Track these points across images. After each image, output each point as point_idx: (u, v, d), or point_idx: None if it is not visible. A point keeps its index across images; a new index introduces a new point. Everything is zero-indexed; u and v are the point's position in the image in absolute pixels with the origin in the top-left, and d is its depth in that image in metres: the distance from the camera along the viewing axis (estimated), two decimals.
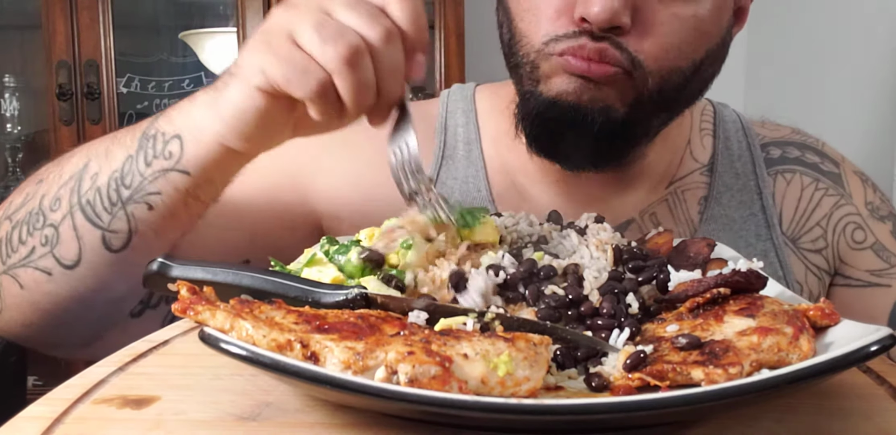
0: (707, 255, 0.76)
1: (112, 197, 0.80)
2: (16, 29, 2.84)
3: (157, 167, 0.79)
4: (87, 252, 0.81)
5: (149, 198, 0.79)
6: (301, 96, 0.69)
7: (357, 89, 0.68)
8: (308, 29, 0.67)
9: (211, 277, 0.62)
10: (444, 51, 2.63)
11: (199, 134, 0.77)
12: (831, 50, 2.31)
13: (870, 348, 0.48)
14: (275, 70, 0.69)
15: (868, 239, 1.04)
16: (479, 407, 0.44)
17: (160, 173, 0.79)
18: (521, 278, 0.64)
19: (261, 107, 0.72)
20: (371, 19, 0.68)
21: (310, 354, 0.50)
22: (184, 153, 0.78)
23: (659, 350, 0.56)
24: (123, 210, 0.80)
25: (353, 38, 0.67)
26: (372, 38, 0.68)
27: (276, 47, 0.69)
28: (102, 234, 0.80)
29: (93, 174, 0.81)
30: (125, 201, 0.79)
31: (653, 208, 1.04)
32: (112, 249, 0.81)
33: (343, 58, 0.67)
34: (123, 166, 0.80)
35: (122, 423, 0.52)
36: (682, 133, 1.07)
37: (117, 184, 0.80)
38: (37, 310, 0.84)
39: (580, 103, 0.87)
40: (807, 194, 1.06)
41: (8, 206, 0.86)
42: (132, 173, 0.79)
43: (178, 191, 0.79)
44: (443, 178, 1.04)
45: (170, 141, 0.78)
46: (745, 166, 1.07)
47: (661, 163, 1.04)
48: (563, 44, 0.86)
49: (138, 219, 0.80)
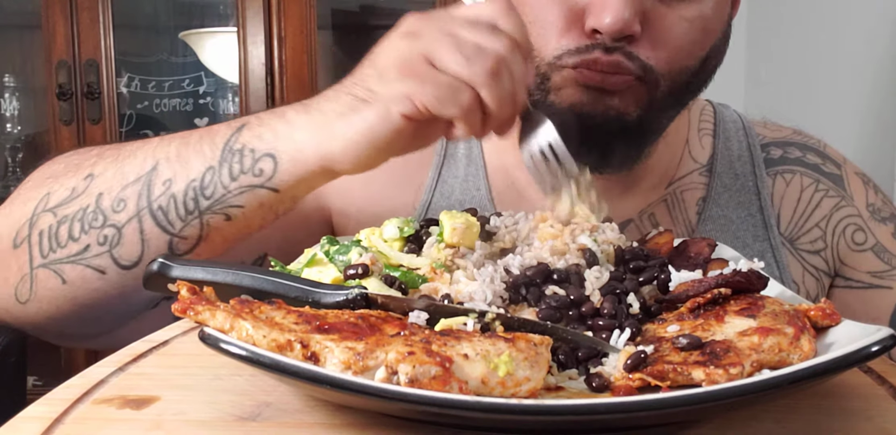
0: (708, 255, 0.76)
1: (189, 206, 0.80)
2: (16, 29, 2.84)
3: (245, 183, 0.79)
4: (149, 255, 0.81)
5: (229, 210, 0.80)
6: (453, 114, 0.71)
7: (502, 99, 0.71)
8: (448, 51, 0.70)
9: (211, 278, 0.62)
10: None
11: (299, 155, 0.77)
12: (831, 50, 2.31)
13: (871, 349, 0.48)
14: (425, 95, 0.70)
15: (869, 240, 1.04)
16: (479, 407, 0.44)
17: (247, 189, 0.79)
18: (524, 282, 0.64)
19: (400, 129, 0.73)
20: (493, 34, 0.71)
21: (310, 355, 0.50)
22: (277, 172, 0.78)
23: (660, 350, 0.56)
24: (199, 219, 0.80)
25: (493, 51, 0.70)
26: (501, 50, 0.70)
27: (419, 73, 0.70)
28: (171, 239, 0.81)
29: (165, 180, 0.81)
30: (203, 211, 0.80)
31: (651, 209, 1.04)
32: (177, 252, 0.82)
33: (489, 71, 0.69)
34: (204, 177, 0.80)
35: (122, 423, 0.52)
36: (680, 133, 1.07)
37: (196, 193, 0.80)
38: (75, 305, 0.84)
39: (594, 112, 0.87)
40: (806, 195, 1.06)
41: (46, 198, 0.85)
42: (214, 185, 0.80)
43: (262, 206, 0.80)
44: (444, 176, 1.05)
45: (261, 159, 0.78)
46: (744, 167, 1.07)
47: (660, 163, 1.04)
48: (575, 58, 0.86)
49: (213, 227, 0.81)
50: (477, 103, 0.71)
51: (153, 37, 2.75)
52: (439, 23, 0.72)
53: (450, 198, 1.03)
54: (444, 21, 0.72)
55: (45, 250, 0.83)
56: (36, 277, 0.84)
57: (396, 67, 0.72)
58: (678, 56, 0.87)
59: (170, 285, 0.57)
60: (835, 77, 2.30)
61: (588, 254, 0.68)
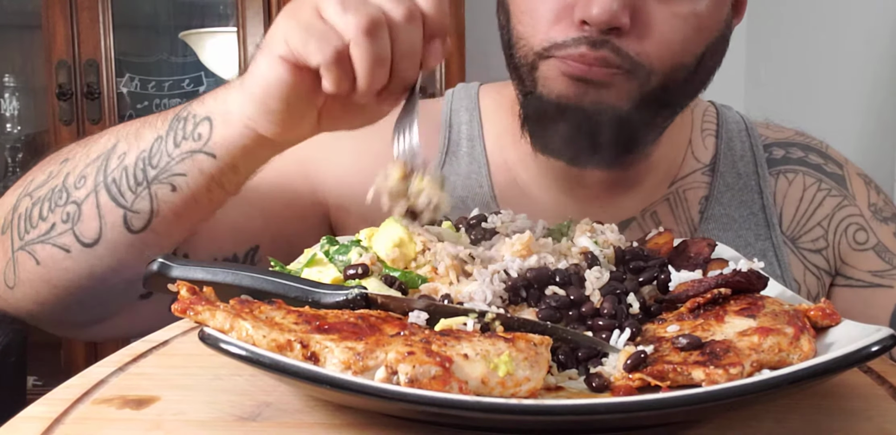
0: (708, 255, 0.76)
1: (138, 176, 0.81)
2: (16, 29, 2.84)
3: (186, 148, 0.80)
4: (107, 231, 0.82)
5: (173, 179, 0.80)
6: (316, 62, 0.69)
7: (372, 61, 0.69)
8: (333, 2, 0.69)
9: (211, 278, 0.62)
10: None
11: (228, 116, 0.78)
12: (831, 50, 2.31)
13: (871, 349, 0.48)
14: (295, 36, 0.69)
15: (870, 240, 1.05)
16: (479, 407, 0.44)
17: (188, 154, 0.80)
18: (523, 285, 0.64)
19: (284, 78, 0.72)
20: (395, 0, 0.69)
21: (310, 355, 0.50)
22: (212, 135, 0.79)
23: (659, 350, 0.56)
24: (148, 190, 0.81)
25: (375, 11, 0.68)
26: (394, 15, 0.69)
27: (299, 17, 0.70)
28: (124, 213, 0.82)
29: (120, 154, 0.83)
30: (150, 181, 0.81)
31: (654, 207, 1.04)
32: (132, 229, 0.82)
33: (361, 26, 0.68)
34: (152, 147, 0.81)
35: (122, 423, 0.52)
36: (683, 133, 1.08)
37: (144, 163, 0.81)
38: (51, 287, 0.85)
39: (582, 105, 0.87)
40: (809, 195, 1.06)
41: (28, 184, 0.87)
42: (160, 153, 0.81)
43: (202, 174, 0.80)
44: (446, 174, 1.05)
45: (200, 123, 0.80)
46: (746, 166, 1.07)
47: (663, 162, 1.05)
48: (562, 51, 0.86)
49: (161, 199, 0.81)
50: (343, 57, 0.69)
51: (153, 37, 2.74)
52: None
53: (452, 194, 1.03)
54: None
55: (22, 232, 0.85)
56: (17, 261, 0.86)
57: (285, 12, 0.72)
58: (668, 52, 0.87)
59: (170, 285, 0.57)
60: (835, 77, 2.30)
61: (590, 256, 0.68)
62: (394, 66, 0.71)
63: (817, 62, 2.39)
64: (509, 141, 1.03)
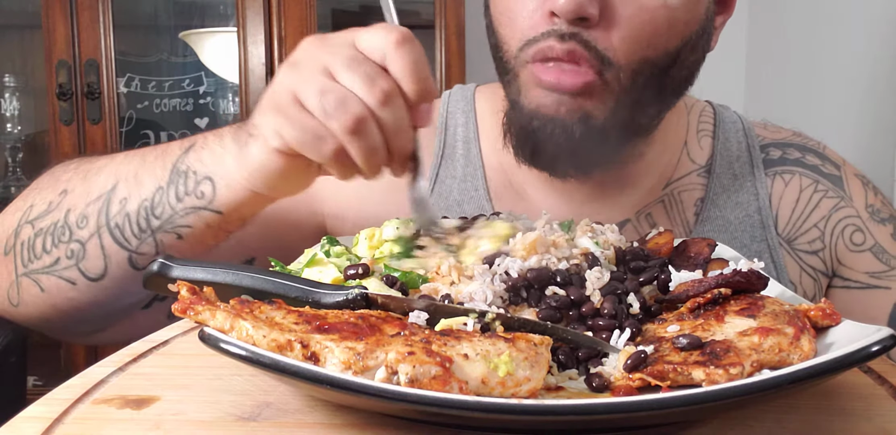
0: (708, 255, 0.76)
1: (142, 224, 0.83)
2: (16, 29, 2.84)
3: (189, 204, 0.82)
4: (112, 269, 0.85)
5: (179, 229, 0.83)
6: (318, 160, 0.72)
7: (367, 154, 0.70)
8: (312, 95, 0.69)
9: (211, 278, 0.62)
10: (445, 51, 2.63)
11: (230, 181, 0.80)
12: (831, 50, 2.31)
13: (871, 349, 0.48)
14: (290, 135, 0.71)
15: (867, 241, 1.04)
16: (479, 408, 0.44)
17: (192, 210, 0.82)
18: (524, 285, 0.64)
19: (282, 166, 0.75)
20: (369, 82, 0.69)
21: (310, 355, 0.50)
22: (216, 196, 0.81)
23: (660, 350, 0.56)
24: (153, 237, 0.83)
25: (355, 108, 0.68)
26: (372, 103, 0.69)
27: (286, 111, 0.71)
28: (129, 255, 0.84)
29: (121, 198, 0.84)
30: (154, 230, 0.83)
31: (649, 209, 1.04)
32: (138, 267, 0.84)
33: (348, 129, 0.68)
34: (154, 197, 0.83)
35: (122, 423, 0.52)
36: (678, 134, 1.08)
37: (147, 213, 0.83)
38: (56, 310, 0.88)
39: (558, 116, 0.87)
40: (805, 196, 1.06)
41: (29, 210, 0.89)
42: (163, 205, 0.83)
43: (209, 227, 0.83)
44: (441, 176, 1.05)
45: (202, 181, 0.81)
46: (742, 167, 1.07)
47: (658, 163, 1.04)
48: (533, 48, 0.86)
49: (166, 245, 0.83)
50: (343, 153, 0.71)
51: (153, 37, 2.74)
52: (323, 54, 0.70)
53: (448, 198, 1.03)
54: (329, 52, 0.70)
55: (25, 260, 0.87)
56: (21, 285, 0.88)
57: (269, 101, 0.73)
58: (637, 46, 0.86)
59: (170, 286, 0.57)
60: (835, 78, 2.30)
61: (591, 257, 0.68)
62: (389, 145, 0.71)
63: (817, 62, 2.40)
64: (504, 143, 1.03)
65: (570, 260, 0.67)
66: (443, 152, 1.06)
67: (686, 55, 0.91)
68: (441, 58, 2.63)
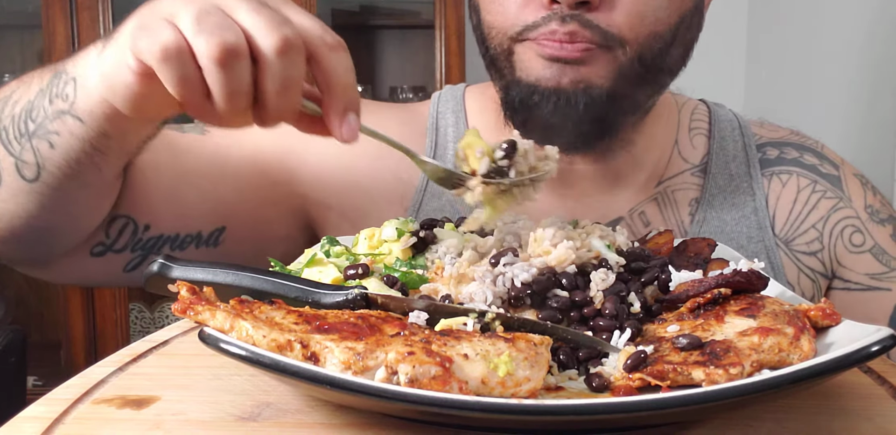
0: (708, 255, 0.76)
1: (21, 127, 0.79)
2: (16, 29, 2.84)
3: (56, 108, 0.76)
4: (5, 176, 0.81)
5: (50, 136, 0.78)
6: (169, 86, 0.62)
7: (225, 93, 0.61)
8: (189, 14, 0.60)
9: (211, 278, 0.62)
10: (445, 51, 2.63)
11: (87, 83, 0.73)
12: (831, 50, 2.31)
13: (871, 349, 0.48)
14: (145, 47, 0.61)
15: (867, 242, 1.04)
16: (479, 407, 0.44)
17: (58, 114, 0.76)
18: (528, 294, 0.63)
19: (133, 84, 0.65)
20: (273, 25, 0.61)
21: (310, 355, 0.50)
22: (76, 99, 0.74)
23: (660, 350, 0.56)
24: (30, 142, 0.79)
25: (231, 37, 0.60)
26: (264, 46, 0.60)
27: (151, 24, 0.62)
28: (15, 162, 0.80)
29: (14, 102, 0.81)
30: (31, 134, 0.79)
31: (642, 207, 1.03)
32: (25, 178, 0.80)
33: (212, 55, 0.59)
34: (34, 99, 0.79)
35: (122, 423, 0.52)
36: (668, 131, 1.06)
37: (26, 115, 0.79)
38: None
39: (560, 87, 0.87)
40: (803, 196, 1.05)
41: None
42: (39, 108, 0.78)
43: (73, 136, 0.76)
44: None
45: (68, 82, 0.75)
46: (739, 167, 1.06)
47: (648, 158, 1.04)
48: (534, 32, 0.86)
49: (42, 155, 0.78)
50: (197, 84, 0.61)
51: None
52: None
53: (440, 198, 1.03)
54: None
55: None
56: None
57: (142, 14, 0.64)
58: (641, 21, 0.86)
59: (170, 286, 0.57)
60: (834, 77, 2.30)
61: (603, 261, 0.67)
62: (263, 97, 0.63)
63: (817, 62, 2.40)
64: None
65: (581, 263, 0.67)
66: (434, 153, 1.05)
67: (683, 32, 0.91)
68: (441, 58, 2.63)
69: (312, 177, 1.02)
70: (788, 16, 2.56)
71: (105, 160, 0.80)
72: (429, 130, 1.07)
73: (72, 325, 2.64)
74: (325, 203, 1.02)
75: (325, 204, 1.03)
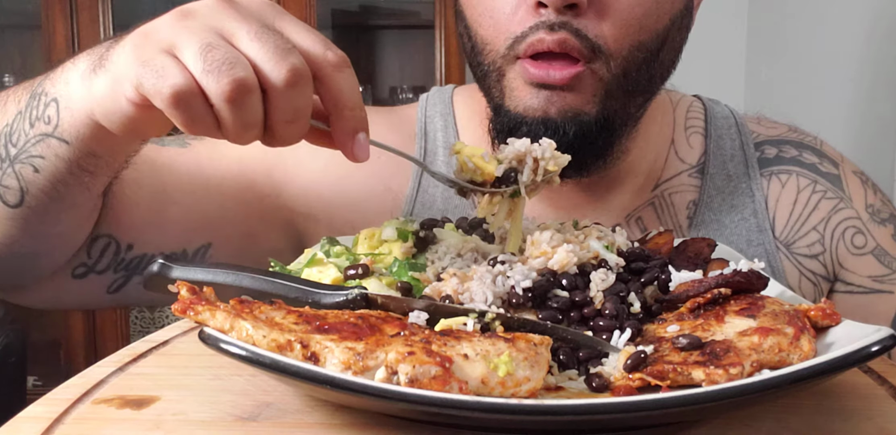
0: (708, 255, 0.76)
1: (2, 153, 0.77)
2: (16, 29, 2.84)
3: (38, 131, 0.74)
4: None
5: (33, 160, 0.75)
6: (176, 124, 0.62)
7: (238, 126, 0.61)
8: (192, 48, 0.59)
9: (211, 278, 0.62)
10: (444, 51, 2.63)
11: (71, 104, 0.71)
12: (831, 49, 2.31)
13: (871, 349, 0.48)
14: (154, 94, 0.60)
15: (869, 244, 1.01)
16: (479, 407, 0.44)
17: (41, 137, 0.74)
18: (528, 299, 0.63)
19: (129, 114, 0.65)
20: (280, 55, 0.59)
21: (310, 355, 0.50)
22: (60, 121, 0.73)
23: (660, 350, 0.56)
24: (12, 168, 0.77)
25: (241, 72, 0.58)
26: (274, 79, 0.59)
27: (157, 65, 0.60)
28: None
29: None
30: (12, 159, 0.77)
31: (639, 212, 1.01)
32: (8, 204, 0.78)
33: (225, 95, 0.58)
34: (13, 123, 0.77)
35: (122, 423, 0.52)
36: (664, 131, 1.04)
37: (6, 140, 0.77)
38: None
39: (548, 116, 0.85)
40: (803, 197, 1.02)
41: None
42: (19, 132, 0.76)
43: (59, 158, 0.74)
44: (423, 186, 1.01)
45: (49, 104, 0.73)
46: (737, 167, 1.03)
47: (643, 162, 1.01)
48: (522, 44, 0.84)
49: (26, 180, 0.76)
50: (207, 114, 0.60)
51: None
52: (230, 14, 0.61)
53: (431, 208, 1.00)
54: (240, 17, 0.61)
55: None
56: None
57: (136, 42, 0.63)
58: (629, 30, 0.85)
59: (170, 286, 0.57)
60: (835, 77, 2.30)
61: (603, 261, 0.67)
62: (273, 128, 0.62)
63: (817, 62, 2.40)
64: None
65: (581, 264, 0.67)
66: (424, 159, 1.02)
67: (674, 35, 0.90)
68: (441, 58, 2.63)
69: (299, 190, 1.00)
70: (788, 15, 2.56)
71: (93, 179, 0.78)
72: (418, 135, 1.04)
73: (72, 325, 2.64)
74: (313, 216, 1.00)
75: (313, 217, 1.00)
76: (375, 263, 0.70)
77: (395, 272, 0.68)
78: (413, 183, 1.01)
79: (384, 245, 0.73)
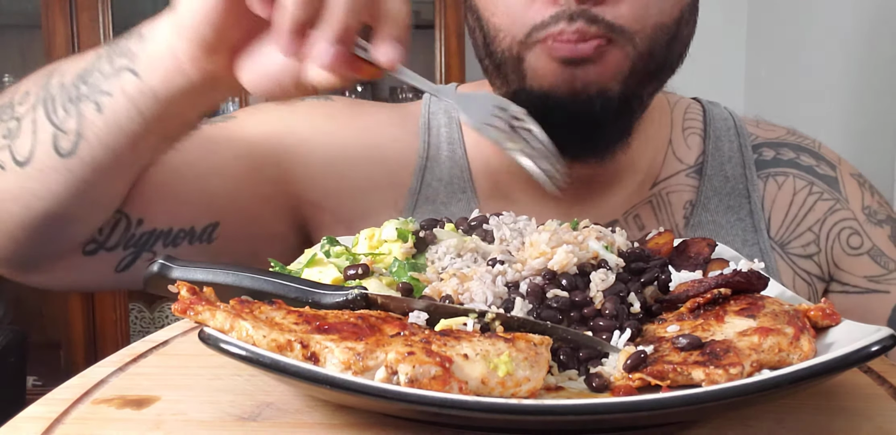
0: (708, 255, 0.76)
1: (71, 93, 0.80)
2: (16, 29, 2.85)
3: (117, 65, 0.79)
4: (37, 151, 0.81)
5: (99, 97, 0.79)
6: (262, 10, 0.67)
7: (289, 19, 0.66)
8: None
9: (211, 278, 0.62)
10: (444, 51, 2.63)
11: (154, 34, 0.77)
12: (831, 49, 2.31)
13: (870, 349, 0.48)
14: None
15: (865, 244, 1.02)
16: (479, 407, 0.44)
17: (116, 71, 0.78)
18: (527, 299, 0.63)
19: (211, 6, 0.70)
20: None
21: (310, 355, 0.50)
22: (139, 52, 0.77)
23: (659, 350, 0.56)
24: (76, 107, 0.80)
25: None
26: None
27: None
28: (54, 132, 0.80)
29: (62, 72, 0.82)
30: (80, 98, 0.80)
31: (636, 210, 1.02)
32: (60, 151, 0.80)
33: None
34: (90, 64, 0.81)
35: (122, 423, 0.52)
36: (662, 131, 1.05)
37: (80, 80, 0.80)
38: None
39: (575, 91, 0.86)
40: (799, 199, 1.04)
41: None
42: (95, 71, 0.80)
43: (124, 94, 0.78)
44: (427, 180, 1.03)
45: (132, 38, 0.79)
46: (734, 169, 1.04)
47: (643, 159, 1.02)
48: (543, 32, 0.85)
49: (86, 119, 0.79)
50: None
51: None
52: None
53: (434, 201, 1.02)
54: None
55: None
56: None
57: None
58: (645, 12, 0.85)
59: (170, 286, 0.57)
60: (835, 76, 2.30)
61: (603, 262, 0.67)
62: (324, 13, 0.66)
63: (817, 61, 2.40)
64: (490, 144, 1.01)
65: (580, 264, 0.67)
66: (427, 154, 1.04)
67: (682, 28, 0.90)
68: (441, 58, 2.63)
69: (307, 178, 1.02)
70: (788, 15, 2.56)
71: (144, 138, 0.80)
72: (421, 130, 1.06)
73: (72, 325, 2.64)
74: (319, 205, 1.02)
75: (319, 205, 1.02)
76: (375, 263, 0.70)
77: (395, 272, 0.68)
78: (416, 177, 1.03)
79: (384, 245, 0.73)
